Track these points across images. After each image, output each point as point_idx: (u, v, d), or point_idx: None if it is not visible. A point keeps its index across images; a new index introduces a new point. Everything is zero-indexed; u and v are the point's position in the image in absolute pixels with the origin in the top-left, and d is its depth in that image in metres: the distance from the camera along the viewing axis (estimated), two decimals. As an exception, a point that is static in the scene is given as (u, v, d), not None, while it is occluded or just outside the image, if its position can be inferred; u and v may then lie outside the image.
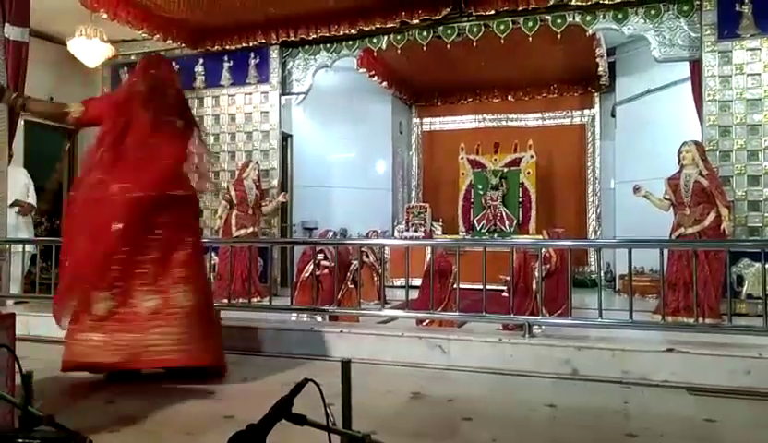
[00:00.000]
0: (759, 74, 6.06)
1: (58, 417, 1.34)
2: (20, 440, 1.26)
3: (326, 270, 5.90)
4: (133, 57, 8.05)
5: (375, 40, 7.44)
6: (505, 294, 5.60)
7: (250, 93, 8.00)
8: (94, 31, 7.07)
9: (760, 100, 6.06)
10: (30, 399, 1.43)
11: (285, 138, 8.59)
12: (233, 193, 7.09)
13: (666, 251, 5.08)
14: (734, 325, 4.49)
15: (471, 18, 6.99)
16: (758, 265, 5.31)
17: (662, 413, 3.42)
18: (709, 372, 3.91)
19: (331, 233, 7.31)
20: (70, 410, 3.21)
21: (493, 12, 6.77)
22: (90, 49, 7.28)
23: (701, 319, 4.83)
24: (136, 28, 7.04)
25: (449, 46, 7.24)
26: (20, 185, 6.75)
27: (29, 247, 6.50)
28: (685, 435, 3.06)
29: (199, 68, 8.18)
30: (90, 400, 3.49)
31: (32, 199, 6.81)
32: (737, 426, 3.20)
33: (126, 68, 8.12)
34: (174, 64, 8.18)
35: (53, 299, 4.13)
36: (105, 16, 6.65)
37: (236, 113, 8.06)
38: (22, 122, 7.68)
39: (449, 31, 7.12)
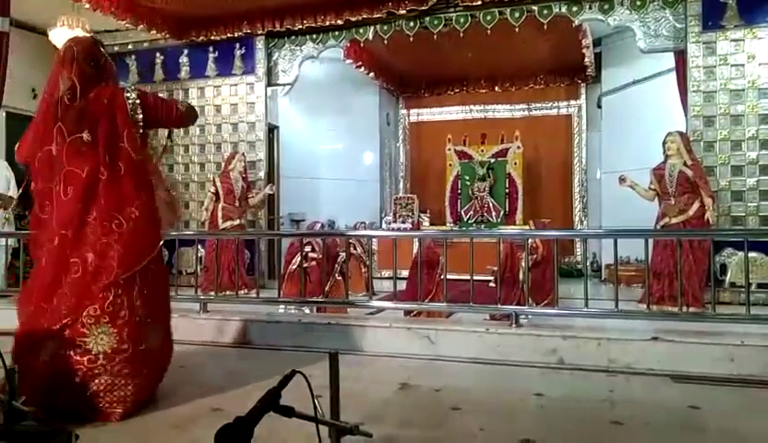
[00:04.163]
0: (742, 65, 6.11)
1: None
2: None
3: (313, 262, 5.88)
4: (117, 48, 7.93)
5: (361, 30, 7.39)
6: (492, 285, 5.64)
7: (236, 84, 7.91)
8: (77, 21, 6.93)
9: (743, 90, 6.11)
10: (15, 394, 1.42)
11: (272, 130, 8.53)
12: (219, 185, 7.02)
13: (650, 241, 5.13)
14: (717, 313, 4.54)
15: (458, 9, 6.97)
16: (741, 254, 5.36)
17: (647, 400, 3.46)
18: (693, 360, 3.97)
19: (319, 225, 7.28)
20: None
21: (480, 2, 6.76)
22: (73, 39, 7.15)
23: (685, 308, 4.88)
24: (119, 18, 6.91)
25: (435, 37, 7.20)
26: (2, 178, 6.65)
27: (10, 241, 6.41)
28: (670, 422, 3.10)
29: (184, 59, 8.07)
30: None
31: (13, 193, 6.71)
32: (721, 413, 3.25)
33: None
34: (158, 54, 8.20)
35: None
36: (88, 6, 6.53)
37: (222, 105, 7.98)
38: (3, 113, 7.57)
39: (435, 22, 7.09)
